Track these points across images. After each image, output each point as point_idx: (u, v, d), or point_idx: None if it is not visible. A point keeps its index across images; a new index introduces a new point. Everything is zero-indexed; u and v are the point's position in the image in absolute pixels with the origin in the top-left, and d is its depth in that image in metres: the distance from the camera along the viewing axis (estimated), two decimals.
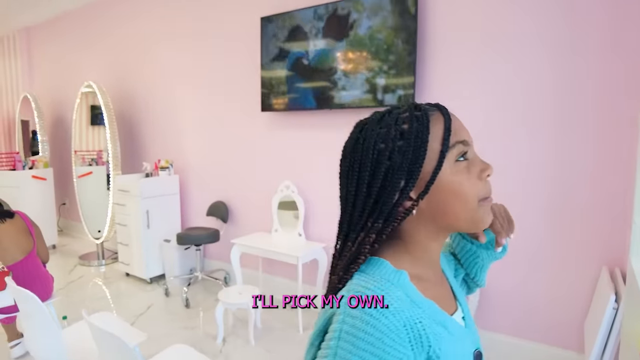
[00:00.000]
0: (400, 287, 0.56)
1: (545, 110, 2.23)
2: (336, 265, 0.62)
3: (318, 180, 3.14)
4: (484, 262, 0.78)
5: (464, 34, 2.44)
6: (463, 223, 0.60)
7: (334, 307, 0.55)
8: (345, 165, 0.62)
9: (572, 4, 2.12)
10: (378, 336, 0.49)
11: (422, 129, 0.58)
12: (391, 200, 0.57)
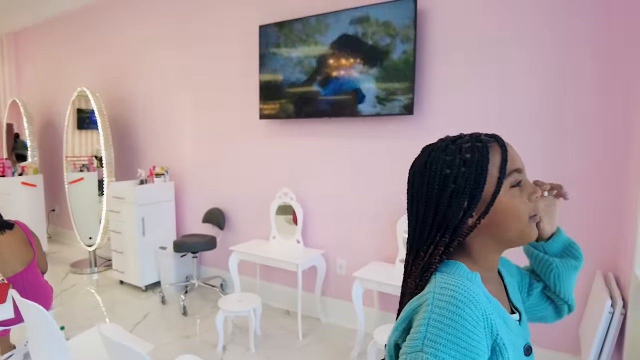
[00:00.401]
0: (475, 284, 0.66)
1: (541, 112, 2.30)
2: (410, 272, 0.72)
3: (316, 187, 3.17)
4: (559, 271, 0.82)
5: (462, 38, 2.51)
6: (514, 237, 0.70)
7: (420, 299, 0.64)
8: (415, 186, 0.72)
9: (566, 7, 2.20)
10: (462, 323, 0.58)
11: (483, 158, 0.67)
12: (456, 219, 0.67)
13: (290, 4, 3.13)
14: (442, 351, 0.56)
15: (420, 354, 0.57)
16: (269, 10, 3.23)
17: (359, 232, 3.01)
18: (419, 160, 0.74)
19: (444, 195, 0.68)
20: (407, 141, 2.75)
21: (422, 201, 0.70)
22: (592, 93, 2.17)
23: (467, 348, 0.57)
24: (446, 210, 0.67)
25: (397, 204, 2.80)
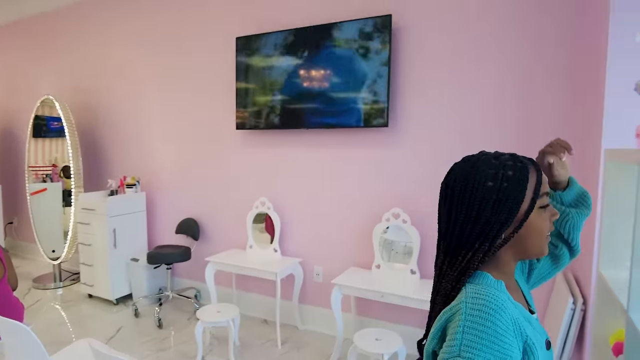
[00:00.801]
0: (502, 292, 0.73)
1: (510, 115, 2.48)
2: (445, 274, 0.78)
3: (293, 196, 3.23)
4: (574, 221, 0.92)
5: (434, 54, 2.66)
6: (534, 251, 0.78)
7: (453, 309, 0.69)
8: (456, 194, 0.77)
9: (527, 24, 2.40)
10: (494, 328, 0.65)
11: (523, 178, 0.74)
12: (495, 229, 0.74)
13: (267, 17, 3.20)
14: (478, 355, 0.63)
15: (458, 359, 0.64)
16: (247, 21, 3.29)
17: (335, 240, 3.09)
18: (461, 171, 0.78)
19: (485, 206, 0.73)
20: (382, 151, 2.87)
21: (463, 209, 0.75)
22: (554, 105, 2.37)
23: (500, 351, 0.63)
24: (487, 220, 0.73)
25: (373, 211, 2.90)
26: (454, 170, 0.81)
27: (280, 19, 3.13)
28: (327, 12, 2.95)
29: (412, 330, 2.81)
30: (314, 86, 2.96)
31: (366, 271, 2.89)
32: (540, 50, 2.38)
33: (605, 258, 1.24)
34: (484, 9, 2.50)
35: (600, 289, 1.26)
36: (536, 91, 2.41)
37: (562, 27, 2.31)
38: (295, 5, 3.09)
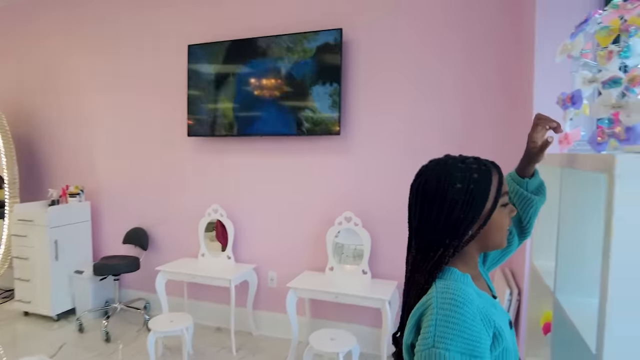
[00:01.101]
0: (467, 285, 0.81)
1: (453, 123, 2.67)
2: (418, 268, 0.85)
3: (246, 203, 3.25)
4: (536, 207, 1.03)
5: (382, 65, 2.82)
6: (496, 244, 0.87)
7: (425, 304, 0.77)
8: (427, 195, 0.84)
9: (469, 43, 2.62)
10: (463, 319, 0.72)
11: (487, 179, 0.83)
12: (465, 227, 0.81)
13: (221, 26, 3.22)
14: (450, 344, 0.70)
15: (433, 349, 0.70)
16: (199, 29, 3.29)
17: (289, 245, 3.14)
18: (432, 174, 0.85)
19: (455, 206, 0.80)
20: (335, 157, 2.98)
21: (434, 209, 0.82)
22: (491, 115, 2.60)
23: (469, 339, 0.70)
24: (457, 219, 0.81)
25: (326, 215, 2.99)
26: (425, 173, 0.87)
27: (234, 28, 3.17)
28: (281, 23, 3.03)
29: (365, 329, 2.92)
30: (266, 95, 3.01)
31: (320, 274, 2.96)
32: (478, 66, 2.61)
33: (537, 250, 1.41)
34: (428, 27, 2.70)
35: (532, 278, 1.42)
36: (475, 103, 2.63)
37: (499, 50, 2.55)
38: (250, 15, 3.13)
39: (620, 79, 0.99)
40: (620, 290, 0.71)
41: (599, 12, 1.12)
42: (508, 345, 0.78)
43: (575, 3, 1.92)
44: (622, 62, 1.02)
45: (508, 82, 2.54)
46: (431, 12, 2.69)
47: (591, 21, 1.13)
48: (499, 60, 2.56)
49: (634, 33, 0.99)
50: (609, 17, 1.05)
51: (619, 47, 1.02)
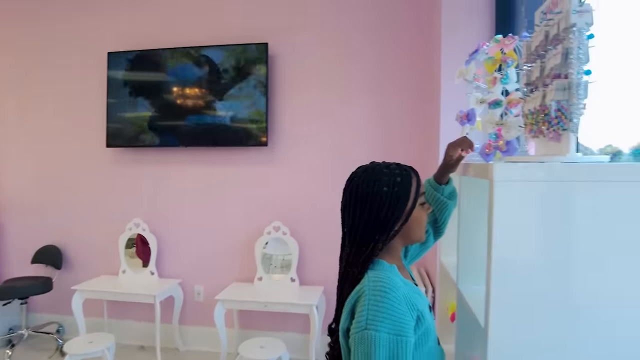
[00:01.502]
0: (394, 274, 0.92)
1: (374, 133, 2.87)
2: (352, 262, 0.95)
3: (170, 216, 3.17)
4: (450, 210, 1.18)
5: (306, 81, 2.95)
6: (417, 238, 1.00)
7: (358, 292, 0.87)
8: (359, 198, 0.94)
9: (386, 59, 2.84)
10: (391, 304, 0.83)
11: (408, 182, 0.95)
12: (391, 224, 0.93)
13: (144, 34, 3.14)
14: (380, 325, 0.80)
15: (366, 331, 0.81)
16: (120, 37, 3.18)
17: (216, 257, 3.12)
18: (361, 179, 0.96)
19: (383, 207, 0.92)
20: (261, 168, 3.04)
21: (365, 210, 0.93)
22: (408, 126, 2.83)
23: (396, 320, 0.81)
24: (384, 218, 0.92)
25: (255, 225, 3.03)
26: (355, 179, 0.98)
27: (157, 37, 3.11)
28: (207, 35, 3.04)
29: (295, 336, 2.98)
30: (190, 105, 3.00)
31: (249, 284, 2.98)
32: (395, 83, 2.84)
33: (444, 248, 1.60)
34: (349, 44, 2.89)
35: (441, 273, 1.60)
36: (394, 115, 2.85)
37: (413, 68, 2.81)
38: (174, 25, 3.11)
39: (501, 101, 1.18)
40: (499, 277, 0.87)
41: (486, 44, 1.32)
42: (429, 326, 0.91)
43: (473, 34, 2.20)
44: (504, 87, 1.23)
45: (420, 96, 2.80)
46: (352, 31, 2.88)
47: (480, 51, 1.33)
48: (413, 78, 2.82)
49: (510, 64, 1.20)
50: (493, 49, 1.25)
51: (501, 75, 1.23)
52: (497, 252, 0.87)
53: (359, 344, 0.82)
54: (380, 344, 0.79)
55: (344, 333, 0.90)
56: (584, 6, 0.86)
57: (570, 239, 0.86)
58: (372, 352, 0.79)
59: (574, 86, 0.87)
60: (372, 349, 0.79)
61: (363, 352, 0.81)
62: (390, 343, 0.80)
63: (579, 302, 0.86)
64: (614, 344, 0.85)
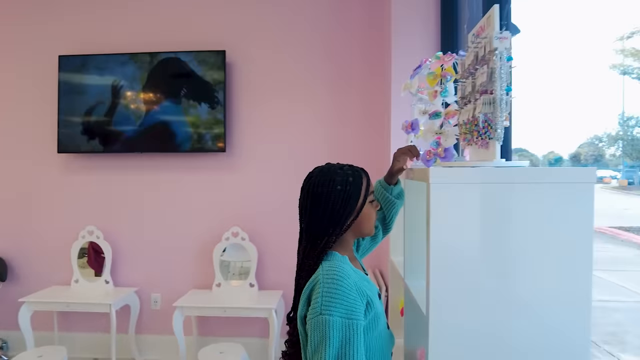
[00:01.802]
0: (346, 264, 1.00)
1: (328, 139, 2.98)
2: (308, 255, 1.04)
3: (127, 223, 3.13)
4: (397, 208, 1.32)
5: (264, 88, 3.02)
6: (367, 232, 1.10)
7: (314, 281, 0.95)
8: (315, 197, 1.03)
9: (339, 70, 2.97)
10: (343, 290, 0.92)
11: (359, 181, 1.05)
12: (344, 219, 1.03)
13: (99, 38, 3.10)
14: (334, 310, 0.89)
15: (321, 316, 0.89)
16: (72, 40, 3.11)
17: (174, 264, 3.10)
18: (318, 179, 1.05)
19: (337, 203, 1.02)
20: (220, 174, 3.07)
21: (321, 207, 1.02)
22: (359, 135, 2.97)
23: (348, 305, 0.90)
24: (338, 213, 1.02)
25: (213, 231, 3.04)
26: (312, 178, 1.07)
27: (113, 41, 3.08)
28: (165, 40, 3.04)
29: (254, 340, 3.02)
30: (146, 110, 2.98)
31: (207, 291, 2.99)
32: (349, 90, 2.97)
33: (393, 248, 1.71)
34: (306, 50, 2.99)
35: (391, 271, 1.72)
36: (349, 119, 2.98)
37: (367, 74, 2.96)
38: (132, 30, 3.08)
39: (440, 112, 1.32)
40: (437, 269, 0.98)
41: (428, 59, 1.46)
42: (378, 311, 1.01)
43: (421, 47, 2.37)
44: (443, 99, 1.36)
45: (374, 101, 2.95)
46: (308, 39, 2.99)
47: (424, 66, 1.46)
48: (367, 83, 2.97)
49: (449, 79, 1.33)
50: (434, 65, 1.38)
51: (441, 88, 1.36)
52: (434, 247, 0.98)
53: (315, 329, 0.90)
54: (334, 327, 0.88)
55: (302, 320, 0.98)
56: (503, 33, 0.99)
57: (497, 233, 0.99)
58: (327, 334, 0.88)
59: (497, 101, 1.00)
60: (326, 332, 0.88)
61: (319, 335, 0.89)
62: (343, 326, 0.88)
63: (506, 289, 0.99)
64: (540, 326, 0.98)
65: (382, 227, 1.34)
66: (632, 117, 15.49)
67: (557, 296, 0.98)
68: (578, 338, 0.98)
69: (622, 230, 9.35)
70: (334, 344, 0.87)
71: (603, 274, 5.34)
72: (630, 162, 15.52)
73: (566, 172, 1.00)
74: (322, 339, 0.88)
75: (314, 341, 0.90)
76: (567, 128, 4.34)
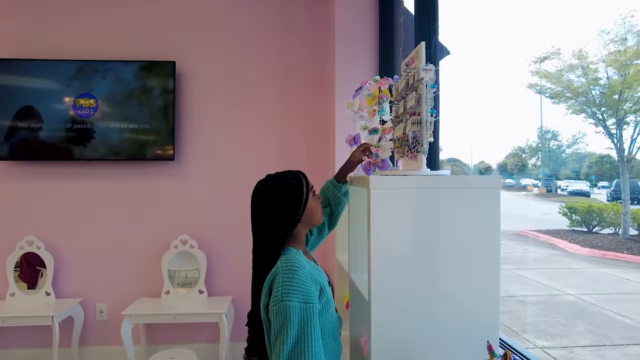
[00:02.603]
0: (301, 257, 1.14)
1: (276, 148, 3.11)
2: (265, 252, 1.17)
3: (71, 232, 3.06)
4: (343, 205, 1.49)
5: (213, 98, 3.12)
6: (316, 222, 1.26)
7: (273, 273, 1.09)
8: (265, 201, 1.17)
9: (287, 75, 3.13)
10: (299, 279, 1.07)
11: (299, 181, 1.22)
12: (295, 215, 1.18)
13: (41, 42, 3.03)
14: (293, 296, 1.03)
15: (282, 302, 1.02)
16: (7, 42, 3.02)
17: (121, 273, 3.08)
18: (266, 187, 1.20)
19: (286, 204, 1.17)
20: (169, 182, 3.11)
21: (273, 208, 1.17)
22: (307, 143, 3.14)
23: (305, 292, 1.05)
24: (289, 212, 1.17)
25: (161, 239, 3.07)
26: (261, 186, 1.22)
27: (60, 48, 3.03)
28: (115, 49, 3.05)
29: (204, 346, 3.07)
30: (95, 118, 2.96)
31: (156, 299, 3.00)
32: (297, 106, 3.15)
33: (339, 247, 1.90)
34: (256, 59, 3.13)
35: (337, 268, 1.90)
36: (295, 132, 3.15)
37: (311, 91, 3.15)
38: (81, 37, 3.05)
39: (378, 129, 1.52)
40: (376, 262, 1.17)
41: (368, 82, 1.67)
42: (329, 296, 1.18)
43: (363, 68, 2.61)
44: (381, 118, 1.57)
45: (320, 116, 3.15)
46: (258, 48, 3.14)
47: (364, 88, 1.67)
48: (312, 100, 3.15)
49: (385, 100, 1.55)
50: (373, 87, 1.59)
51: (378, 108, 1.57)
52: (374, 244, 1.16)
53: (277, 314, 1.04)
54: (294, 311, 1.03)
55: (265, 309, 1.12)
56: (428, 66, 1.21)
57: (425, 232, 1.20)
58: (288, 318, 1.02)
59: (423, 122, 1.22)
60: (288, 315, 1.02)
61: (281, 319, 1.03)
62: (301, 310, 1.03)
63: (433, 280, 1.19)
64: (461, 312, 1.19)
65: (328, 223, 1.50)
66: (548, 131, 16.65)
67: (472, 286, 1.20)
68: (489, 320, 1.20)
69: (541, 233, 10.33)
70: (294, 326, 1.02)
71: (524, 272, 5.93)
72: (548, 172, 17.12)
73: (477, 180, 1.23)
74: (284, 322, 1.02)
75: (277, 325, 1.04)
76: (495, 140, 4.91)
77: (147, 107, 2.99)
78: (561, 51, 9.06)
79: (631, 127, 8.52)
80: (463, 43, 3.42)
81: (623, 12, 6.50)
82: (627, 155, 8.70)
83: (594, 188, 9.79)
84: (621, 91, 7.84)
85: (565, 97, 8.75)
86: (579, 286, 5.59)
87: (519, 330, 3.88)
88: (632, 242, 9.27)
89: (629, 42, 8.20)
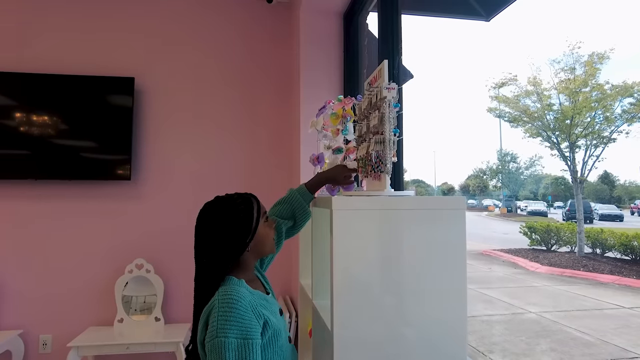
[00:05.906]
0: (242, 287, 1.05)
1: (239, 166, 3.03)
2: (207, 280, 1.07)
3: (9, 258, 2.83)
4: (307, 217, 1.39)
5: (173, 116, 3.01)
6: (267, 251, 1.17)
7: (210, 306, 0.99)
8: (211, 227, 1.08)
9: (249, 86, 3.08)
10: (237, 313, 0.97)
11: (249, 207, 1.12)
12: (242, 242, 1.09)
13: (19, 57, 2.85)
14: (228, 332, 0.94)
15: (216, 339, 0.93)
16: None
17: (68, 301, 2.86)
18: (212, 210, 1.11)
19: (232, 229, 1.08)
20: (124, 203, 2.95)
21: (218, 234, 1.08)
22: (272, 161, 3.08)
23: (243, 326, 0.95)
24: (234, 238, 1.08)
25: (115, 264, 2.88)
26: (207, 210, 1.13)
27: (10, 59, 2.85)
28: (69, 63, 2.90)
29: None
30: (42, 134, 2.79)
31: (108, 327, 2.80)
32: (260, 124, 3.10)
33: (302, 272, 1.82)
34: (218, 79, 3.07)
35: (301, 293, 1.82)
36: (257, 152, 3.09)
37: (274, 111, 3.11)
38: (32, 49, 2.89)
39: (342, 148, 1.49)
40: (339, 286, 1.11)
41: (332, 101, 1.64)
42: (277, 327, 1.08)
43: (327, 88, 2.60)
44: (344, 137, 1.54)
45: (285, 131, 3.10)
46: (220, 68, 3.08)
47: (328, 107, 1.64)
48: (278, 115, 3.11)
49: (349, 119, 1.52)
50: (337, 106, 1.56)
51: (342, 127, 1.54)
52: (337, 267, 1.11)
53: (211, 351, 0.94)
54: (230, 347, 0.93)
55: (201, 344, 1.02)
56: (391, 84, 1.20)
57: (389, 253, 1.15)
58: (223, 356, 0.93)
59: (387, 141, 1.19)
60: (222, 353, 0.93)
61: (215, 357, 0.94)
62: (238, 346, 0.94)
63: (397, 303, 1.14)
64: (427, 337, 1.15)
65: (289, 227, 1.38)
66: (508, 153, 17.61)
67: (438, 310, 1.15)
68: (456, 344, 1.16)
69: (503, 252, 10.65)
70: None
71: (488, 291, 6.02)
72: (508, 193, 17.86)
73: (441, 200, 1.21)
74: None
75: None
76: (457, 162, 4.99)
77: (103, 124, 2.85)
78: (518, 77, 9.28)
79: (582, 151, 8.93)
80: (426, 68, 3.50)
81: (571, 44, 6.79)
82: (579, 177, 9.26)
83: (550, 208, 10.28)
84: (572, 116, 8.37)
85: (523, 121, 9.25)
86: (540, 304, 5.75)
87: (484, 351, 3.89)
88: (587, 260, 9.77)
89: (577, 71, 8.76)
